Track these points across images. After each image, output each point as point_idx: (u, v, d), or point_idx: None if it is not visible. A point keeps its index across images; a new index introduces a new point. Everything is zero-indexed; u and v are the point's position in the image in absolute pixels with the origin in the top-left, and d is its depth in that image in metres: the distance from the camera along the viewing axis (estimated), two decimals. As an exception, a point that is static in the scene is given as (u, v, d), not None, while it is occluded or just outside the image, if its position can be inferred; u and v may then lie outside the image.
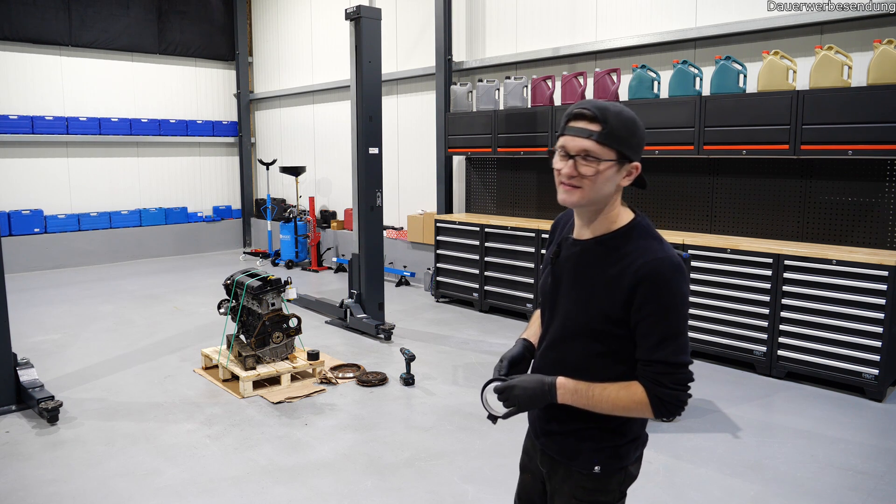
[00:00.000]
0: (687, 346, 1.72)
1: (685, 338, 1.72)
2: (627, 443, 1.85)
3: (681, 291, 1.70)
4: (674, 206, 6.63)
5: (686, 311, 1.73)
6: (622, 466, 1.86)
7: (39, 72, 10.52)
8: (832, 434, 4.37)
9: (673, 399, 1.70)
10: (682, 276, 1.71)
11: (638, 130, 1.73)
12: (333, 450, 4.16)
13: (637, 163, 1.75)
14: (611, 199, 1.77)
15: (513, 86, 7.46)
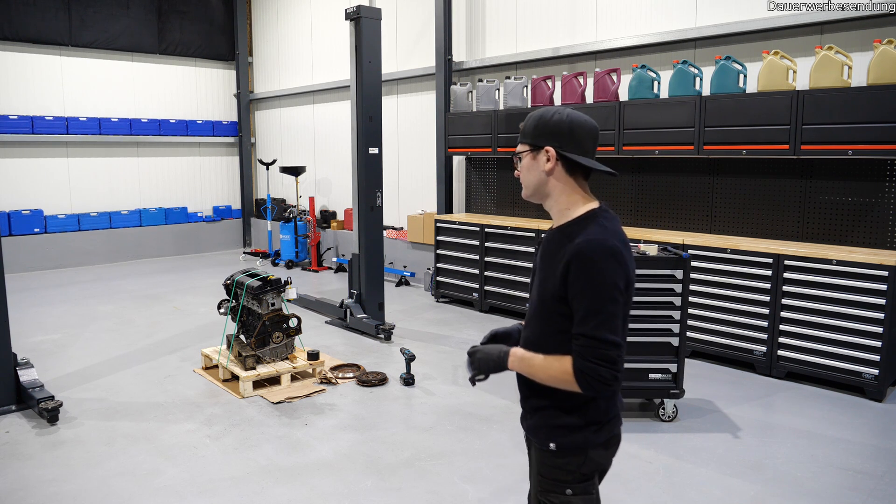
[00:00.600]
0: (611, 325, 1.79)
1: (609, 316, 1.79)
2: (585, 425, 1.93)
3: (605, 271, 1.79)
4: (674, 206, 6.63)
5: (611, 292, 1.80)
6: (580, 448, 1.93)
7: (39, 72, 10.52)
8: (832, 434, 4.37)
9: (592, 373, 1.79)
10: (609, 258, 1.80)
11: (543, 121, 1.93)
12: (333, 450, 4.16)
13: (548, 147, 1.91)
14: (556, 191, 1.96)
15: (513, 86, 7.46)
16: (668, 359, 4.51)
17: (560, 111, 1.94)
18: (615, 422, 2.00)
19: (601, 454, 1.97)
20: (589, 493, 1.97)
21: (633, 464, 3.95)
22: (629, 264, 1.85)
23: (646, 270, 4.42)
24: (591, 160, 1.94)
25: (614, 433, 2.00)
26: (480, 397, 5.03)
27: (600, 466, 1.99)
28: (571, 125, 1.92)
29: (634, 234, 6.39)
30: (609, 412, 1.97)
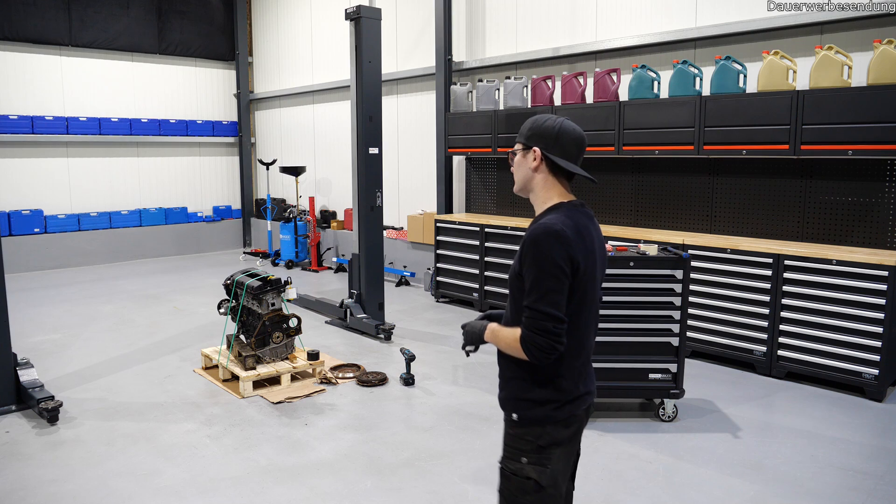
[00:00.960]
0: (551, 299, 1.98)
1: (548, 291, 1.99)
2: (547, 401, 2.10)
3: (549, 251, 1.99)
4: (674, 206, 6.63)
5: (552, 270, 1.99)
6: (539, 422, 2.10)
7: (39, 72, 10.52)
8: (832, 434, 4.37)
9: (531, 341, 1.99)
10: (554, 240, 2.00)
11: (537, 125, 2.18)
12: (333, 450, 4.16)
13: (535, 147, 2.15)
14: (538, 187, 2.20)
15: (513, 86, 7.46)
16: (668, 359, 4.51)
17: (554, 119, 2.17)
18: (578, 403, 2.15)
19: (559, 431, 2.11)
20: (543, 465, 2.09)
21: (633, 464, 3.95)
22: (575, 248, 2.02)
23: (646, 270, 4.42)
24: (571, 164, 2.16)
25: (576, 413, 2.14)
26: (480, 397, 5.03)
27: (557, 441, 2.11)
28: (559, 132, 2.15)
29: (634, 234, 6.39)
30: (572, 392, 2.12)
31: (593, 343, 2.24)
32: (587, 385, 2.19)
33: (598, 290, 2.19)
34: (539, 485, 2.09)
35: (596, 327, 2.25)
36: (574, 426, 2.16)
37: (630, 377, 4.53)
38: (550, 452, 2.10)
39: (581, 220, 2.11)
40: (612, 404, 4.85)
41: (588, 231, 2.11)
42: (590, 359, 2.23)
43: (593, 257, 2.10)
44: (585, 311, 2.10)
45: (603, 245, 2.23)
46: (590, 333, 2.18)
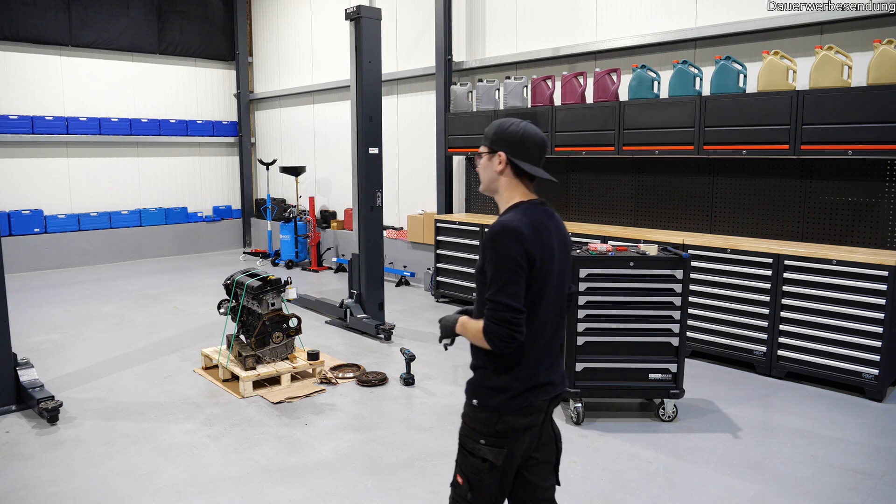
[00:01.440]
0: (509, 291, 2.13)
1: (506, 284, 2.13)
2: (503, 390, 2.23)
3: (505, 247, 2.14)
4: (674, 206, 6.63)
5: (509, 264, 2.14)
6: (495, 409, 2.23)
7: (39, 72, 10.52)
8: (832, 434, 4.37)
9: (492, 331, 2.14)
10: (508, 237, 2.15)
11: (501, 129, 2.30)
12: (333, 450, 4.16)
13: (500, 152, 2.29)
14: (502, 188, 2.34)
15: (513, 86, 7.46)
16: (668, 359, 4.51)
17: (517, 123, 2.30)
18: (538, 392, 2.26)
19: (516, 419, 2.23)
20: (500, 448, 2.23)
21: (633, 464, 3.95)
22: (531, 243, 2.16)
23: (646, 270, 4.42)
24: (534, 167, 2.30)
25: (534, 403, 2.25)
26: (480, 397, 5.03)
27: (514, 428, 2.23)
28: (523, 136, 2.28)
29: (634, 234, 6.39)
30: (530, 381, 2.24)
31: (558, 334, 2.35)
32: (549, 375, 2.29)
33: (561, 282, 2.32)
34: (494, 465, 2.24)
35: (560, 319, 2.36)
36: (534, 415, 2.27)
37: (630, 377, 4.53)
38: (507, 437, 2.23)
39: (539, 218, 2.25)
40: (612, 404, 4.85)
41: (546, 228, 2.24)
42: (554, 350, 2.33)
43: (550, 252, 2.23)
44: (544, 303, 2.24)
45: (565, 241, 2.34)
46: (550, 324, 2.28)
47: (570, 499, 3.55)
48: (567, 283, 2.38)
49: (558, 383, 2.34)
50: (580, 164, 7.38)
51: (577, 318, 4.47)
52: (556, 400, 2.37)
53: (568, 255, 2.38)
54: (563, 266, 2.33)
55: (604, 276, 4.44)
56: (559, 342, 2.37)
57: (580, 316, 4.47)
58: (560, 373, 2.37)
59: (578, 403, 4.51)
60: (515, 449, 2.27)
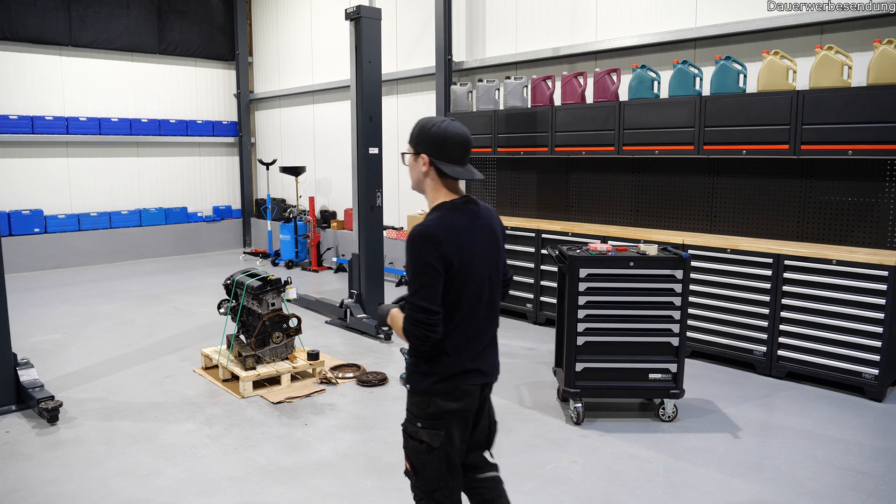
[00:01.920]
0: (424, 294, 2.26)
1: (421, 286, 2.26)
2: (430, 375, 2.39)
3: (419, 251, 2.26)
4: (674, 206, 6.63)
5: (424, 268, 2.26)
6: (425, 393, 2.41)
7: (39, 72, 10.52)
8: (832, 434, 4.37)
9: (408, 331, 2.30)
10: (424, 242, 2.26)
11: (423, 131, 2.41)
12: (333, 450, 4.16)
13: (423, 154, 2.40)
14: (428, 188, 2.44)
15: (513, 86, 7.46)
16: (668, 359, 4.51)
17: (438, 123, 2.38)
18: (465, 377, 2.40)
19: (447, 402, 2.39)
20: (436, 430, 2.40)
21: (633, 464, 3.95)
22: (447, 247, 2.26)
23: (646, 270, 4.42)
24: (456, 169, 2.37)
25: (462, 387, 2.40)
26: (480, 397, 5.03)
27: (445, 411, 2.39)
28: (444, 138, 2.36)
29: (634, 234, 6.39)
30: (455, 367, 2.38)
31: (487, 326, 2.47)
32: (476, 363, 2.42)
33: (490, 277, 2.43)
34: (431, 447, 2.40)
35: (490, 312, 2.47)
36: (465, 400, 2.41)
37: (630, 377, 4.53)
38: (441, 420, 2.39)
39: (458, 220, 2.34)
40: (612, 404, 4.85)
41: (465, 229, 2.34)
42: (482, 340, 2.45)
43: (470, 252, 2.33)
44: (468, 298, 2.36)
45: (493, 236, 2.45)
46: (476, 317, 2.40)
47: (570, 499, 3.55)
48: (499, 275, 2.51)
49: (488, 372, 2.48)
50: (580, 164, 7.38)
51: (577, 318, 4.47)
52: (489, 387, 2.54)
53: (497, 249, 2.48)
54: (492, 260, 2.44)
55: (604, 276, 4.44)
56: (490, 333, 2.50)
57: (580, 316, 4.47)
58: (491, 362, 2.50)
59: (578, 403, 4.51)
60: (452, 431, 2.42)
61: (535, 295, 7.13)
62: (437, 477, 2.44)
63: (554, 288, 6.50)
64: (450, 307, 2.33)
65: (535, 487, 3.68)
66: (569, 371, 4.51)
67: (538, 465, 3.94)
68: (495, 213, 2.55)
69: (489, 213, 2.49)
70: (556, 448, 4.16)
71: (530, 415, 4.71)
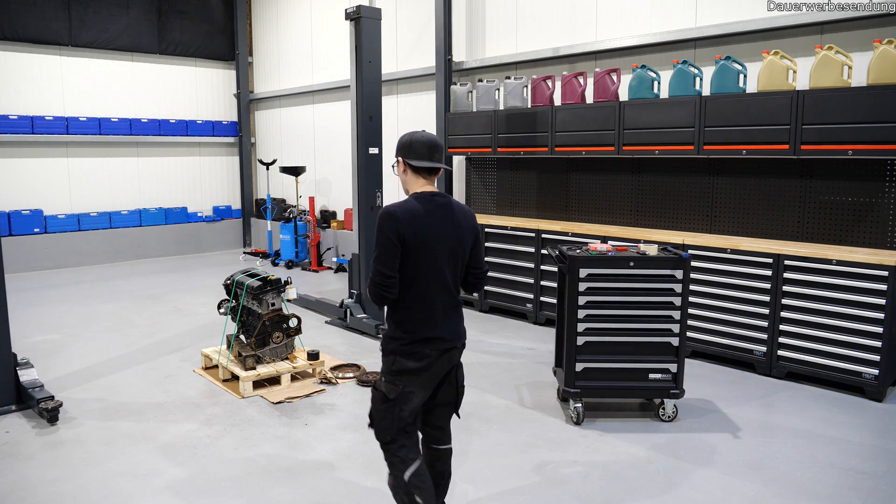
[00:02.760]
0: (381, 259, 2.75)
1: (379, 254, 2.75)
2: (396, 339, 2.83)
3: (381, 226, 2.75)
4: (674, 206, 6.63)
5: (382, 239, 2.74)
6: (390, 351, 2.85)
7: (39, 72, 10.52)
8: (832, 434, 4.37)
9: (370, 289, 2.81)
10: (385, 219, 2.75)
11: (399, 142, 2.96)
12: (333, 450, 4.16)
13: (399, 157, 2.93)
14: (407, 183, 2.96)
15: (513, 86, 7.46)
16: (668, 359, 4.51)
17: (408, 134, 2.95)
18: (426, 343, 2.81)
19: (409, 362, 2.80)
20: (393, 385, 2.82)
21: (633, 464, 3.95)
22: (402, 224, 2.73)
23: (646, 270, 4.42)
24: (423, 161, 2.88)
25: (421, 351, 2.80)
26: (480, 397, 5.03)
27: (407, 369, 2.81)
28: (411, 141, 2.91)
29: (634, 234, 6.39)
30: (416, 334, 2.81)
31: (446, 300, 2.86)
32: (435, 331, 2.83)
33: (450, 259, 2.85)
34: (386, 398, 2.83)
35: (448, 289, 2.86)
36: (424, 361, 2.82)
37: (630, 377, 4.53)
38: (402, 377, 2.81)
39: (418, 206, 2.81)
40: (612, 404, 4.85)
41: (423, 214, 2.78)
42: (440, 311, 2.84)
43: (424, 233, 2.76)
44: (423, 274, 2.79)
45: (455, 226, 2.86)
46: (433, 290, 2.82)
47: (570, 499, 3.55)
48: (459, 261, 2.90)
49: (447, 338, 2.86)
50: (580, 164, 7.38)
51: (577, 318, 4.47)
52: (451, 352, 2.89)
53: (460, 239, 2.87)
54: (452, 246, 2.85)
55: (604, 276, 4.44)
56: (448, 306, 2.88)
57: (580, 316, 4.47)
58: (452, 329, 2.89)
59: (578, 403, 4.51)
60: (410, 389, 2.82)
61: (535, 295, 7.13)
62: (389, 428, 2.85)
63: (554, 288, 6.50)
64: (408, 279, 2.78)
65: (535, 487, 3.68)
66: (569, 371, 4.51)
67: (538, 465, 3.94)
68: (469, 213, 2.98)
69: (460, 210, 2.93)
70: (556, 448, 4.16)
71: (530, 415, 4.71)
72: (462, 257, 2.91)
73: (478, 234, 2.99)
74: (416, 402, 2.85)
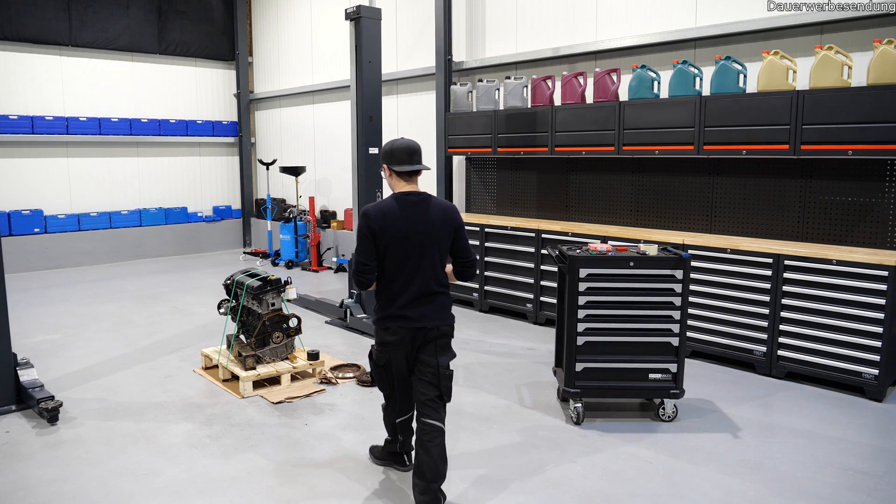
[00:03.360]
0: (359, 249, 3.35)
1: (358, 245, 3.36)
2: (376, 312, 3.45)
3: (359, 223, 3.33)
4: (674, 206, 6.63)
5: (359, 235, 3.33)
6: (375, 323, 3.47)
7: (39, 72, 10.52)
8: (832, 434, 4.37)
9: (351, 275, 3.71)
10: (361, 217, 3.31)
11: (382, 150, 3.48)
12: (333, 450, 4.16)
13: (384, 164, 3.45)
14: (392, 186, 3.46)
15: (513, 86, 7.46)
16: (668, 359, 4.51)
17: (390, 141, 3.44)
18: (395, 319, 3.35)
19: (385, 335, 3.41)
20: (381, 353, 3.50)
21: (633, 464, 3.95)
22: (374, 221, 3.29)
23: (646, 270, 4.42)
24: (404, 165, 3.36)
25: (391, 326, 3.36)
26: (480, 397, 5.03)
27: (384, 341, 3.43)
28: (392, 148, 3.40)
29: (634, 234, 6.39)
30: (386, 310, 3.38)
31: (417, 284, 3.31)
32: (403, 311, 3.32)
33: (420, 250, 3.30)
34: (377, 364, 3.54)
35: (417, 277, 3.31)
36: (396, 336, 3.35)
37: (630, 377, 4.53)
38: (384, 346, 3.45)
39: (391, 205, 3.32)
40: (612, 404, 4.85)
41: (394, 212, 3.29)
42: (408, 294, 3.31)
43: (394, 226, 3.27)
44: (391, 261, 3.31)
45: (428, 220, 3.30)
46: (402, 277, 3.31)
47: (570, 499, 3.56)
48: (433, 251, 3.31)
49: (413, 318, 3.32)
50: (580, 164, 7.38)
51: (577, 318, 4.47)
52: (421, 331, 3.33)
53: (434, 232, 3.31)
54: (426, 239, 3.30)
55: (604, 277, 4.44)
56: (417, 291, 3.31)
57: (580, 316, 4.47)
58: (420, 311, 3.32)
59: (578, 403, 4.51)
60: (393, 356, 3.44)
61: (535, 295, 7.13)
62: (384, 387, 3.64)
63: (554, 288, 6.50)
64: (382, 265, 3.34)
65: (535, 487, 3.68)
66: (569, 371, 4.51)
67: (538, 465, 3.94)
68: (448, 208, 3.40)
69: (437, 206, 3.36)
70: (556, 448, 4.16)
71: (530, 415, 4.71)
72: (439, 248, 3.35)
73: (459, 226, 3.40)
74: (398, 368, 3.46)
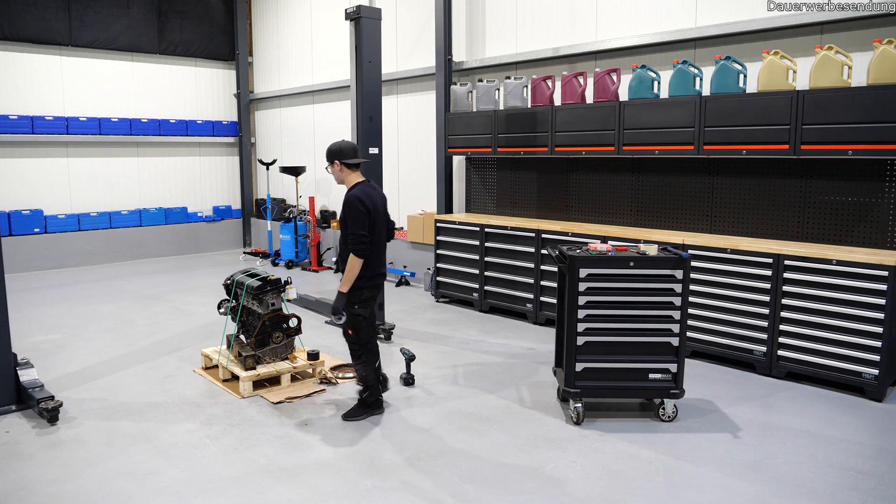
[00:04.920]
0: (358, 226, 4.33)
1: (357, 222, 4.34)
2: (363, 277, 4.41)
3: (354, 205, 4.35)
4: (674, 206, 6.63)
5: (358, 214, 4.33)
6: (359, 287, 4.43)
7: (39, 72, 10.52)
8: (832, 434, 4.37)
9: (355, 249, 4.31)
10: (357, 200, 4.36)
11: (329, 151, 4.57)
12: (333, 450, 4.16)
13: (336, 161, 4.53)
14: (346, 179, 4.57)
15: (513, 86, 7.46)
16: (668, 359, 4.51)
17: (336, 143, 4.57)
18: (378, 277, 4.56)
19: (370, 291, 4.50)
20: (365, 308, 4.49)
21: (633, 464, 3.95)
22: (366, 201, 4.37)
23: (646, 270, 4.42)
24: (355, 159, 4.52)
25: (377, 283, 4.58)
26: (480, 397, 5.03)
27: (369, 297, 4.50)
28: (341, 148, 4.53)
29: (634, 234, 6.39)
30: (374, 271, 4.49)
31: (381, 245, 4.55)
32: (382, 269, 4.61)
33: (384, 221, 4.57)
34: (364, 317, 4.50)
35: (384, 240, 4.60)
36: (379, 290, 4.63)
37: (630, 377, 4.53)
38: (367, 301, 4.48)
39: (367, 189, 4.47)
40: (612, 404, 4.85)
41: (370, 194, 4.44)
42: (383, 255, 4.61)
43: (374, 206, 4.43)
44: (376, 231, 4.44)
45: (382, 199, 4.60)
46: (380, 241, 4.52)
47: (570, 499, 3.55)
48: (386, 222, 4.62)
49: (385, 272, 4.70)
50: (580, 164, 7.38)
51: (577, 318, 4.47)
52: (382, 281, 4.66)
53: (385, 207, 4.61)
54: (384, 212, 4.58)
55: (604, 277, 4.44)
56: (384, 250, 4.61)
57: (580, 316, 4.47)
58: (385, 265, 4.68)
59: (578, 403, 4.51)
60: (371, 307, 4.53)
61: (535, 295, 7.13)
62: (367, 332, 4.58)
63: (554, 288, 6.50)
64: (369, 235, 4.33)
65: (535, 487, 3.68)
66: (569, 371, 4.51)
67: (538, 465, 3.94)
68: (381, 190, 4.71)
69: (380, 190, 4.70)
70: (556, 448, 4.16)
71: (530, 415, 4.71)
72: (387, 218, 4.64)
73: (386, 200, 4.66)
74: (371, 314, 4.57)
